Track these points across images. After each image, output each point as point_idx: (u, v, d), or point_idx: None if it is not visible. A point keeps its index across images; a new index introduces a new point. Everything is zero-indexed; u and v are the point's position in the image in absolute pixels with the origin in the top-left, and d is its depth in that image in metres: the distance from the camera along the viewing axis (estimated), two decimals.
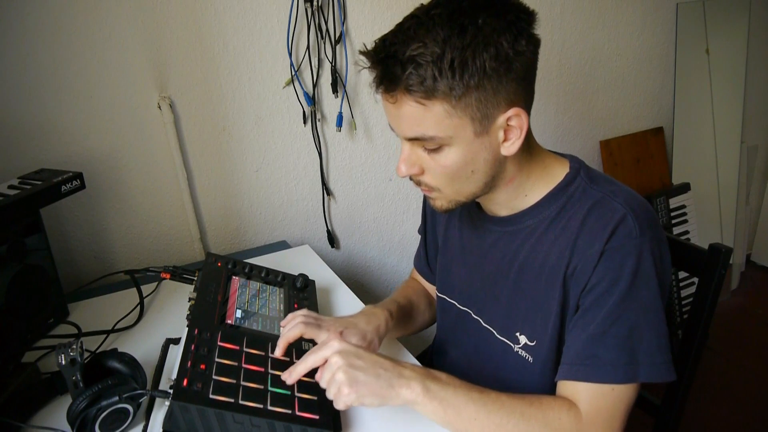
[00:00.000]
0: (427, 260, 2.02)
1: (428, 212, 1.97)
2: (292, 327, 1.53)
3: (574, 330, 1.42)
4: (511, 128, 1.36)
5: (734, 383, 3.52)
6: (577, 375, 1.38)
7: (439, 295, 1.87)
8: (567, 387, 1.41)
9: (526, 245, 1.53)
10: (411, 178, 1.48)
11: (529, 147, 1.48)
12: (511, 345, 1.60)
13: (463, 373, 1.74)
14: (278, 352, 1.52)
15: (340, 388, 1.29)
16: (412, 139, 1.38)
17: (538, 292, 1.51)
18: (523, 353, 1.57)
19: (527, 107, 1.39)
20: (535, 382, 1.56)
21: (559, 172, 1.52)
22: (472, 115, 1.31)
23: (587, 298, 1.39)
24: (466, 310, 1.75)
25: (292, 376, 1.38)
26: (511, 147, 1.38)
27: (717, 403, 1.63)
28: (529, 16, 1.32)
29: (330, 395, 1.32)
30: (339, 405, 1.30)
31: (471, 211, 1.69)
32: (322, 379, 1.33)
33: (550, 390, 1.51)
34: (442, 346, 1.92)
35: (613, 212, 1.38)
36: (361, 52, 1.36)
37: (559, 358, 1.49)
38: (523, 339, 1.56)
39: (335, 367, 1.31)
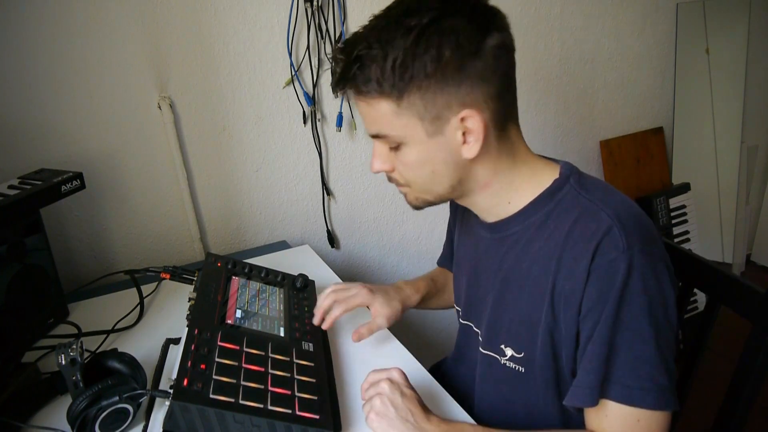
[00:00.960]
0: (451, 257, 1.97)
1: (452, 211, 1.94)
2: (324, 297, 1.69)
3: (584, 361, 1.34)
4: (469, 130, 1.33)
5: None
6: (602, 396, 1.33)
7: (455, 306, 1.85)
8: (591, 413, 1.37)
9: (511, 254, 1.50)
10: (386, 175, 1.50)
11: (513, 152, 1.44)
12: (497, 357, 1.56)
13: (469, 392, 1.73)
14: (316, 320, 1.72)
15: (370, 412, 1.38)
16: (375, 137, 1.41)
17: (521, 303, 1.47)
18: (512, 365, 1.53)
19: (488, 111, 1.34)
20: (534, 393, 1.52)
21: (548, 177, 1.46)
22: (420, 114, 1.31)
23: (586, 324, 1.33)
24: (468, 324, 1.73)
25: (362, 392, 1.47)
26: (470, 150, 1.35)
27: (717, 403, 1.62)
28: (486, 17, 1.31)
29: (364, 410, 1.42)
30: (367, 422, 1.39)
31: (470, 217, 1.66)
32: (367, 393, 1.44)
33: (552, 401, 1.50)
34: (453, 363, 1.91)
35: (599, 223, 1.31)
36: (333, 51, 1.39)
37: (558, 371, 1.46)
38: (509, 351, 1.53)
39: (379, 392, 1.39)
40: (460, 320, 1.77)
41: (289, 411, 1.33)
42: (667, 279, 1.32)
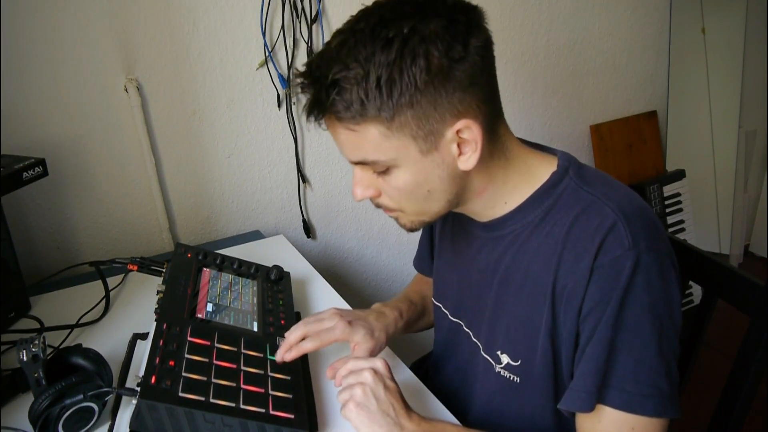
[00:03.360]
0: (432, 254, 1.94)
1: None
2: (294, 329, 1.57)
3: (582, 363, 1.33)
4: (464, 141, 1.30)
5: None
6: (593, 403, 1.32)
7: (434, 301, 1.82)
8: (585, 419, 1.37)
9: (508, 253, 1.47)
10: (372, 200, 1.44)
11: (505, 151, 1.41)
12: (493, 364, 1.54)
13: (455, 392, 1.71)
14: (279, 356, 1.54)
15: (349, 402, 1.35)
16: (358, 163, 1.36)
17: (520, 306, 1.45)
18: (507, 374, 1.51)
19: (481, 116, 1.30)
20: (526, 406, 1.51)
21: (545, 171, 1.44)
22: (413, 133, 1.26)
23: (586, 325, 1.32)
24: (458, 322, 1.70)
25: (336, 379, 1.45)
26: (468, 161, 1.32)
27: (714, 401, 1.63)
28: (467, 16, 1.25)
29: (340, 399, 1.38)
30: (342, 412, 1.36)
31: (461, 214, 1.60)
32: (345, 380, 1.40)
33: (549, 413, 1.48)
34: (437, 361, 1.87)
35: (603, 219, 1.30)
36: (296, 76, 1.34)
37: (558, 378, 1.44)
38: (505, 359, 1.51)
39: (361, 381, 1.36)
40: (450, 317, 1.74)
41: (263, 410, 1.34)
42: (673, 278, 1.32)
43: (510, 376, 1.50)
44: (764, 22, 3.91)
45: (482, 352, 1.58)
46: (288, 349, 1.54)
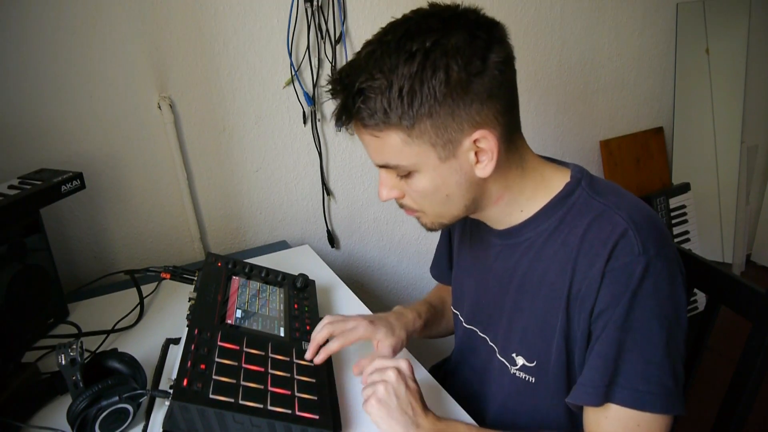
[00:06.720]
0: (449, 263, 1.94)
1: None
2: (319, 330, 1.58)
3: (591, 359, 1.34)
4: (481, 150, 1.31)
5: None
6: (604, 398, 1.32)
7: (453, 309, 1.83)
8: (590, 414, 1.36)
9: (525, 260, 1.47)
10: (396, 201, 1.46)
11: (522, 162, 1.42)
12: (508, 366, 1.55)
13: (472, 395, 1.71)
14: (309, 355, 1.56)
15: (371, 398, 1.36)
16: (382, 166, 1.37)
17: (536, 310, 1.46)
18: (522, 375, 1.52)
19: (498, 127, 1.31)
20: (541, 405, 1.51)
21: (559, 182, 1.44)
22: (432, 141, 1.27)
23: (597, 325, 1.32)
24: (472, 329, 1.71)
25: (363, 376, 1.46)
26: (484, 169, 1.33)
27: (717, 403, 1.62)
28: (489, 32, 1.26)
29: (363, 394, 1.40)
30: (364, 406, 1.38)
31: (478, 223, 1.62)
32: (370, 377, 1.41)
33: (563, 413, 1.49)
34: (455, 366, 1.87)
35: (614, 226, 1.30)
36: (328, 82, 1.35)
37: (571, 378, 1.44)
38: (520, 360, 1.51)
39: (384, 379, 1.38)
40: (464, 324, 1.75)
41: (289, 411, 1.33)
42: (680, 282, 1.32)
43: (525, 377, 1.51)
44: (766, 43, 3.90)
45: (498, 355, 1.59)
46: (316, 348, 1.55)
